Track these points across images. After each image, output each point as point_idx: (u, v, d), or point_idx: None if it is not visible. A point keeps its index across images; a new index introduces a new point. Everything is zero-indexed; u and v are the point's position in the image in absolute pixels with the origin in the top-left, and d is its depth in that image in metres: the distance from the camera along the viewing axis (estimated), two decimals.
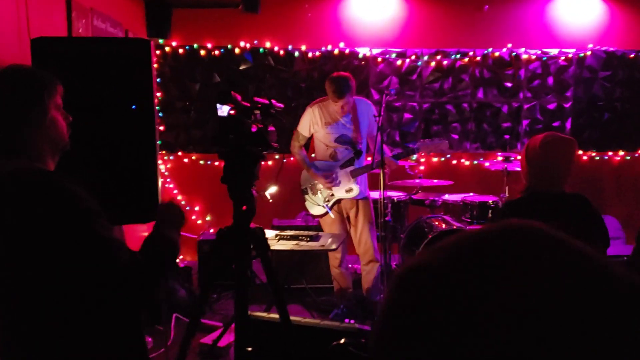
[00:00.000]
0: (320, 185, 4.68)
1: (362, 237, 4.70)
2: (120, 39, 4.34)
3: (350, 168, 4.61)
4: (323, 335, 3.31)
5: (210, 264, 2.77)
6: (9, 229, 1.68)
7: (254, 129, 2.70)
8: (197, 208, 6.26)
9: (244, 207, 2.63)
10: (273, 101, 2.86)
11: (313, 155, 4.95)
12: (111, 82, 2.89)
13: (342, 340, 2.77)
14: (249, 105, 2.75)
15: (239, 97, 2.70)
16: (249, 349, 2.71)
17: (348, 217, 4.80)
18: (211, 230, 6.03)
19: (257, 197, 2.70)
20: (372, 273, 4.73)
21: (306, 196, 4.80)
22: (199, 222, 6.25)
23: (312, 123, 4.64)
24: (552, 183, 2.81)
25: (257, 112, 2.80)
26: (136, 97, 2.92)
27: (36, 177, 1.72)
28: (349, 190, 4.63)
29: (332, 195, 4.68)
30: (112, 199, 1.98)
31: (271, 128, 2.77)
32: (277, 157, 5.78)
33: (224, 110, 2.72)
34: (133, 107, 2.90)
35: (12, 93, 1.79)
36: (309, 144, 4.80)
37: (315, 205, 4.75)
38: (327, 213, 4.71)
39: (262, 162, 2.74)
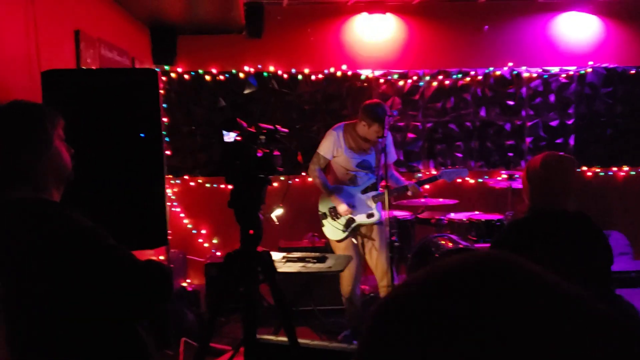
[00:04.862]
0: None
1: (380, 260, 4.64)
2: (127, 70, 4.41)
3: (372, 193, 4.60)
4: (332, 357, 3.33)
5: (218, 287, 2.80)
6: (19, 256, 1.75)
7: (259, 154, 2.77)
8: (203, 231, 6.29)
9: (251, 232, 2.69)
10: (278, 126, 2.92)
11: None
12: (120, 111, 2.95)
13: None
14: (254, 130, 2.81)
15: (244, 124, 2.76)
16: None
17: (363, 242, 4.75)
18: (218, 254, 6.06)
19: (264, 220, 2.75)
20: None
21: (324, 221, 4.70)
22: (206, 245, 6.29)
23: (336, 146, 4.59)
24: (553, 202, 2.82)
25: (262, 137, 2.86)
26: (144, 125, 2.98)
27: (41, 207, 1.79)
28: (371, 215, 4.61)
29: (353, 220, 4.62)
30: (121, 226, 2.03)
31: (276, 152, 2.83)
32: (282, 178, 5.81)
33: (230, 136, 2.78)
34: (142, 135, 2.96)
35: (16, 125, 1.85)
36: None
37: (335, 229, 4.66)
38: (347, 238, 4.63)
39: (268, 186, 2.80)
